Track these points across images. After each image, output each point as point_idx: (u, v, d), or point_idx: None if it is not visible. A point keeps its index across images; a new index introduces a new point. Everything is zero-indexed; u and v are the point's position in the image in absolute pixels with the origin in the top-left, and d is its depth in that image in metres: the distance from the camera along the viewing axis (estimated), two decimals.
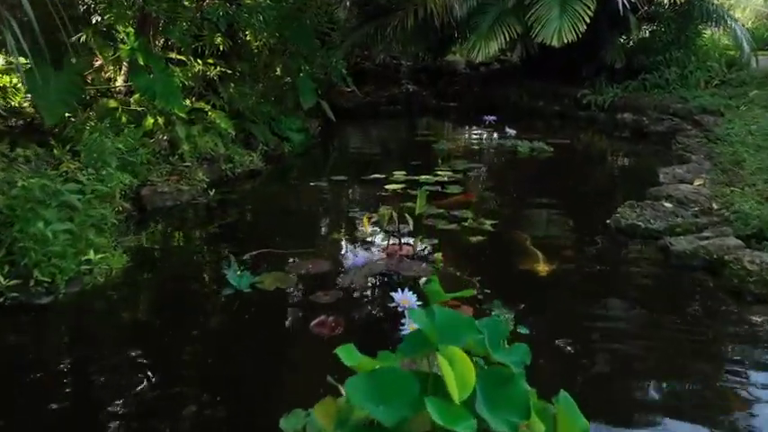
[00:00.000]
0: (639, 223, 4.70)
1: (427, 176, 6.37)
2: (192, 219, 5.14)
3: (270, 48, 8.31)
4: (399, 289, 2.40)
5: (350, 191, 6.26)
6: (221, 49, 6.97)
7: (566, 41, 8.77)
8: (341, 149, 8.94)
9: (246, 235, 4.81)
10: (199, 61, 6.49)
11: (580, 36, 8.81)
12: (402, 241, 4.38)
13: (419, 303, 2.35)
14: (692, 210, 4.91)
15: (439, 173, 6.56)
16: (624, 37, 11.31)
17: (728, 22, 10.19)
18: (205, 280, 3.91)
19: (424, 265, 4.04)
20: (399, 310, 2.38)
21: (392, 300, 2.49)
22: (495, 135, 8.89)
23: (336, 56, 8.74)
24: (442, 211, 5.17)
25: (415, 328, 1.78)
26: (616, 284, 3.91)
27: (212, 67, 6.61)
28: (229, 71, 6.81)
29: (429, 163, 7.07)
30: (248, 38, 7.54)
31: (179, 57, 6.66)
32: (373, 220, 4.50)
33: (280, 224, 5.06)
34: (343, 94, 10.62)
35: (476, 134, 9.24)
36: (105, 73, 6.97)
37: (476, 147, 8.34)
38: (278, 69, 8.53)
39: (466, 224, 4.87)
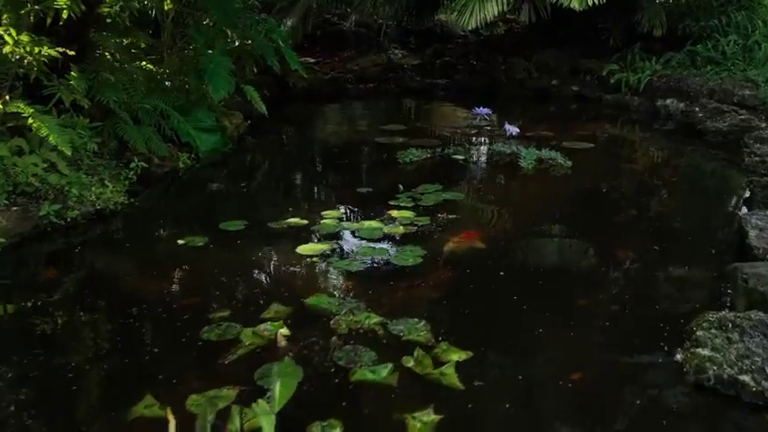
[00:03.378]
0: (745, 378, 2.41)
1: (371, 223, 4.05)
2: None
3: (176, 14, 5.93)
4: None
5: (234, 263, 3.54)
6: (69, 16, 4.55)
7: (590, 4, 6.43)
8: (264, 161, 6.26)
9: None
10: (10, 38, 4.10)
11: None
12: None
13: None
14: None
15: (394, 214, 4.22)
16: None
17: None
18: None
19: None
20: None
21: None
22: (490, 135, 6.52)
23: (271, 23, 6.30)
24: (377, 321, 2.87)
25: None
26: None
27: (37, 46, 4.22)
28: (71, 52, 4.41)
29: (385, 189, 4.74)
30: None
31: None
32: None
33: (73, 367, 2.62)
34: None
35: (462, 132, 6.72)
36: None
37: (460, 157, 5.83)
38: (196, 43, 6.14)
39: (410, 365, 2.57)
